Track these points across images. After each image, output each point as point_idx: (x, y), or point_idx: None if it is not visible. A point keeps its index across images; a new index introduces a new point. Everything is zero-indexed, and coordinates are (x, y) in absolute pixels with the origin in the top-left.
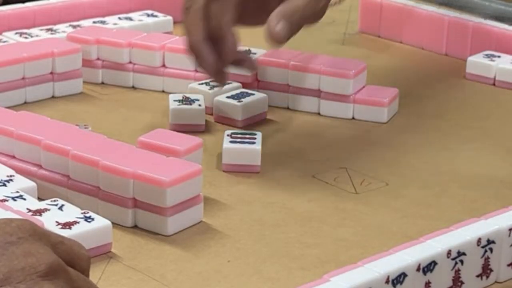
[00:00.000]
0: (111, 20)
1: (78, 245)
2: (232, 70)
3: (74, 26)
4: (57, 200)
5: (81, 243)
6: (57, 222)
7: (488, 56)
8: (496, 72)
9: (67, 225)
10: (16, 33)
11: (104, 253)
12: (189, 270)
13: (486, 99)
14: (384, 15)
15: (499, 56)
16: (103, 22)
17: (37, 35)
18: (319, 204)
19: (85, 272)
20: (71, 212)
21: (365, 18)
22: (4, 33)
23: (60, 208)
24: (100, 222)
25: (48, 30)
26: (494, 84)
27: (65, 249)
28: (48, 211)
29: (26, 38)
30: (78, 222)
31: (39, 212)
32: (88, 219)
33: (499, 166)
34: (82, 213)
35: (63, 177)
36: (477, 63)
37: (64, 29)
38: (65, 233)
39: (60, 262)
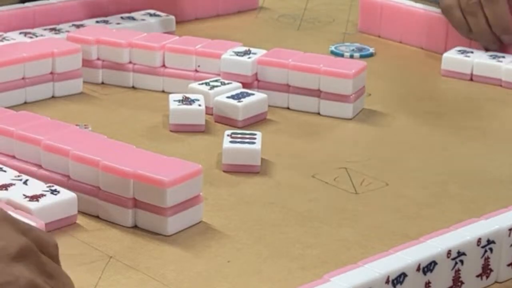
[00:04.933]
0: (114, 19)
1: (45, 233)
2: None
3: (77, 26)
4: (21, 176)
5: (48, 215)
6: (24, 195)
7: (493, 56)
8: (503, 73)
9: (34, 197)
10: (21, 33)
11: (70, 224)
12: (189, 270)
13: (488, 99)
14: (384, 15)
15: (503, 57)
16: (106, 22)
17: (41, 35)
18: (319, 204)
19: (54, 258)
20: (37, 185)
21: (365, 18)
22: (8, 33)
23: (25, 182)
24: (66, 194)
25: (51, 29)
26: (500, 85)
27: (34, 236)
28: (13, 186)
29: (31, 37)
30: (44, 195)
31: (4, 187)
32: (54, 192)
33: (499, 166)
34: (47, 186)
35: (63, 177)
36: (483, 64)
37: (67, 29)
38: (33, 205)
39: (30, 245)
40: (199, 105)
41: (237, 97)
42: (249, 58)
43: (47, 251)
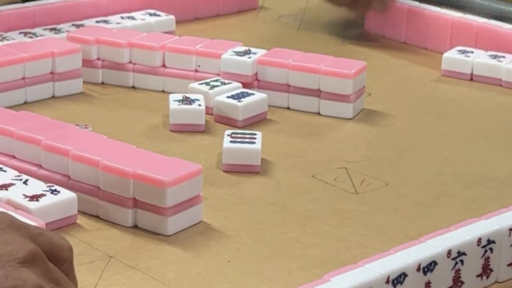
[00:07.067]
0: (114, 19)
1: (58, 236)
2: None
3: (77, 26)
4: (21, 175)
5: (48, 215)
6: (24, 195)
7: (493, 56)
8: (503, 73)
9: (34, 197)
10: (21, 33)
11: (70, 224)
12: (189, 270)
13: (488, 99)
14: (388, 15)
15: (503, 56)
16: (106, 22)
17: (41, 35)
18: (319, 204)
19: (68, 261)
20: (37, 185)
21: (370, 18)
22: (8, 33)
23: (25, 182)
24: (66, 194)
25: (52, 29)
26: (500, 85)
27: (45, 240)
28: (13, 186)
29: (31, 37)
30: (44, 195)
31: (4, 186)
32: (54, 191)
33: (499, 166)
34: (47, 186)
35: (63, 177)
36: (483, 64)
37: (68, 29)
38: (33, 205)
39: (38, 251)
40: (199, 105)
41: (237, 97)
42: (249, 58)
43: (60, 254)
